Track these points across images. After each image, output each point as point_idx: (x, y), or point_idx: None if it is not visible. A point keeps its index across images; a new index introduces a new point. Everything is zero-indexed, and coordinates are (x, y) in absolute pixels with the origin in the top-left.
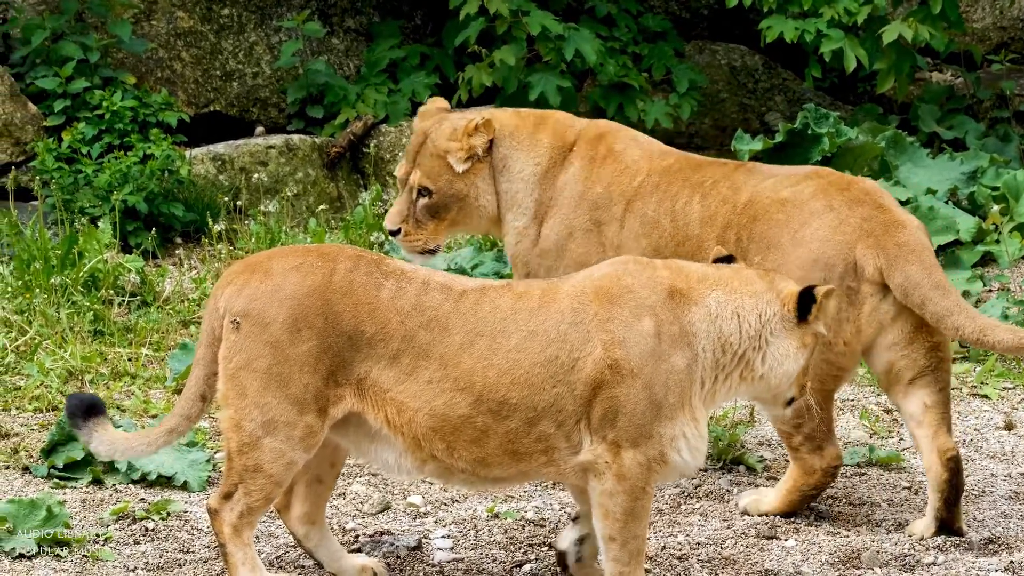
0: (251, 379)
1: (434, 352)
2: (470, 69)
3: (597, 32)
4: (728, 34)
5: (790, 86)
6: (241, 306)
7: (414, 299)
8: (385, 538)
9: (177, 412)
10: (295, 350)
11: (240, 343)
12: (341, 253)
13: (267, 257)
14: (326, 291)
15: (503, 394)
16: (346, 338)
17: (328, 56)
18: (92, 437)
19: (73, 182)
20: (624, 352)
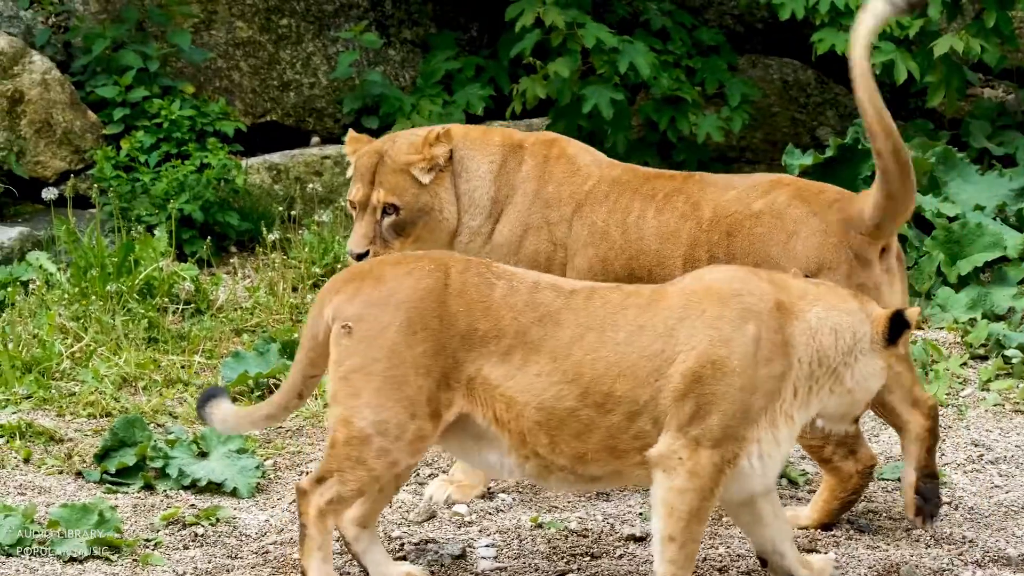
0: (365, 382)
1: (545, 346)
2: (524, 81)
3: (651, 45)
4: (781, 48)
5: (842, 101)
6: (354, 311)
7: (527, 296)
8: (430, 546)
9: (276, 401)
10: (411, 352)
11: (354, 347)
12: (451, 258)
13: (375, 265)
14: (442, 293)
15: (609, 386)
16: (460, 338)
17: (384, 67)
18: (212, 416)
19: (130, 190)
20: (727, 351)
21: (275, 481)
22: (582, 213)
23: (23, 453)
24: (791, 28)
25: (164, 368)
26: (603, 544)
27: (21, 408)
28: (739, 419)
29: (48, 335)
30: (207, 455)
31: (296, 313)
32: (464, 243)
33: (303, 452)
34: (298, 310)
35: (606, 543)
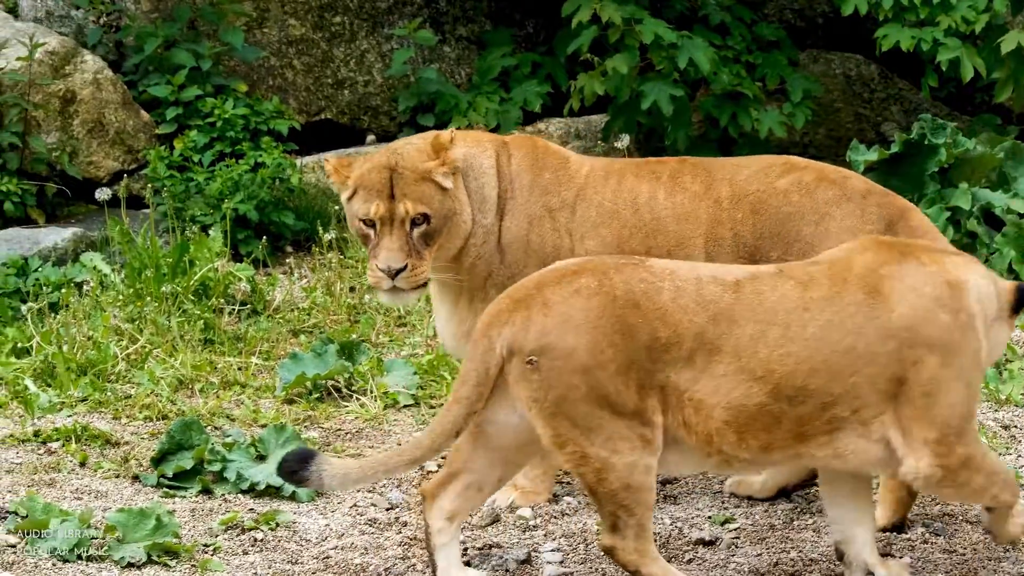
0: (574, 408)
1: (726, 345)
2: (582, 77)
3: (711, 41)
4: (843, 43)
5: (906, 96)
6: (534, 344)
7: (694, 295)
8: (494, 551)
9: (426, 445)
10: (605, 373)
11: (548, 379)
12: (605, 266)
13: (536, 288)
14: (615, 307)
15: (802, 381)
16: (644, 349)
17: (439, 64)
18: (322, 476)
19: (184, 190)
20: (928, 347)
21: None
22: (586, 195)
23: (79, 457)
24: (853, 22)
25: (220, 370)
26: (671, 548)
27: (76, 411)
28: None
29: (103, 337)
30: (265, 458)
31: (354, 313)
32: (479, 244)
33: (363, 454)
34: (356, 310)
35: (674, 547)
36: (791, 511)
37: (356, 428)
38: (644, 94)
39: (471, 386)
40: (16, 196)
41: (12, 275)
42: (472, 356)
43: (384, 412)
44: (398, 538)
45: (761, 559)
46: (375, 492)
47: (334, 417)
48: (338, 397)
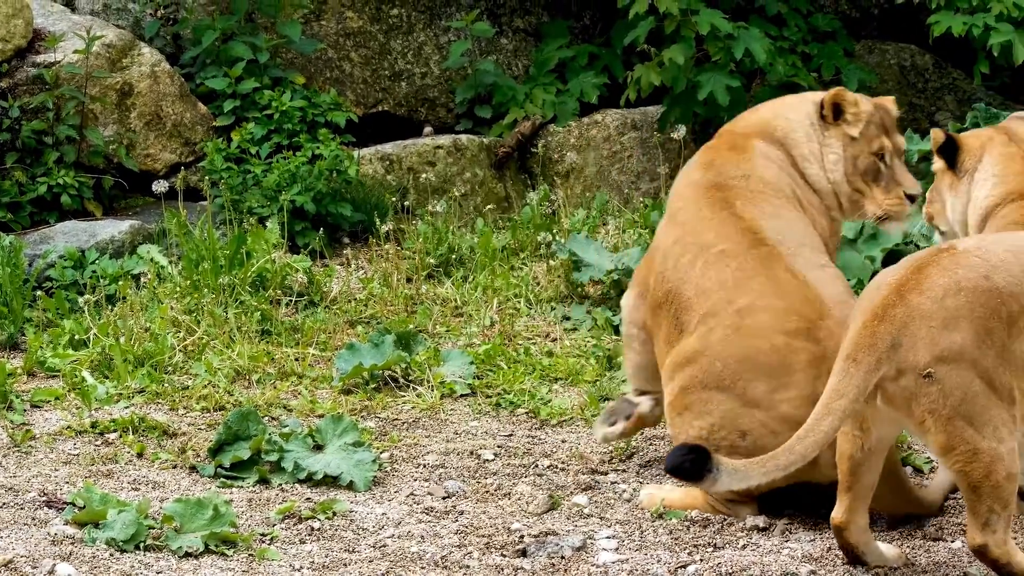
0: (972, 407)
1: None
2: (639, 68)
3: (767, 31)
4: (897, 32)
5: (960, 86)
6: (927, 357)
7: (1019, 266)
8: (550, 539)
9: (812, 442)
10: (988, 359)
11: (946, 387)
12: (941, 263)
13: (900, 303)
14: (979, 295)
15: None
16: (1006, 326)
17: (496, 56)
18: (720, 475)
19: (242, 182)
20: None
21: (391, 474)
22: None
23: (136, 448)
24: (908, 12)
25: (277, 361)
26: (726, 535)
27: (134, 402)
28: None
29: (160, 328)
30: (322, 448)
31: (411, 304)
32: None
33: (420, 444)
34: (413, 301)
35: (729, 534)
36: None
37: (413, 418)
38: (700, 85)
39: (848, 400)
40: (73, 189)
41: (70, 267)
42: (851, 372)
43: (440, 402)
44: (454, 527)
45: (815, 544)
46: (432, 481)
47: (391, 407)
48: (395, 387)
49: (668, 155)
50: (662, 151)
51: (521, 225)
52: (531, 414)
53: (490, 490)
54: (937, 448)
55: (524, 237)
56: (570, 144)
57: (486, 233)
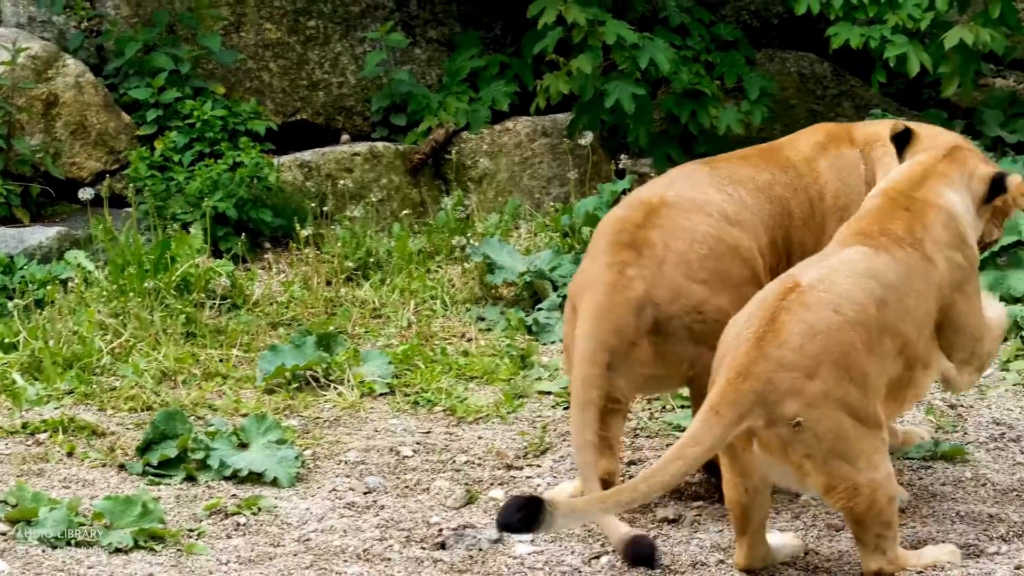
0: (845, 445)
1: (887, 327)
2: (548, 77)
3: (671, 41)
4: (797, 42)
5: (858, 92)
6: (794, 407)
7: (860, 294)
8: (468, 531)
9: (657, 483)
10: (852, 395)
11: (817, 431)
12: (790, 308)
13: (760, 356)
14: (833, 335)
15: (913, 348)
16: (862, 359)
17: (411, 66)
18: (555, 520)
19: (165, 189)
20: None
21: (314, 470)
22: None
23: (66, 447)
24: (807, 22)
25: (202, 362)
26: (637, 526)
27: (63, 403)
28: None
29: (88, 332)
30: (247, 446)
31: (331, 306)
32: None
33: (341, 441)
34: (332, 303)
35: (640, 525)
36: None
37: (334, 416)
38: (607, 93)
39: (703, 449)
40: (1, 197)
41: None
42: (711, 423)
43: (361, 400)
44: (375, 521)
45: (723, 535)
46: (352, 477)
47: (312, 406)
48: (316, 387)
49: (577, 161)
50: (571, 157)
51: (436, 229)
52: (448, 412)
53: (409, 485)
54: (819, 489)
55: (439, 241)
56: (483, 151)
57: (403, 237)
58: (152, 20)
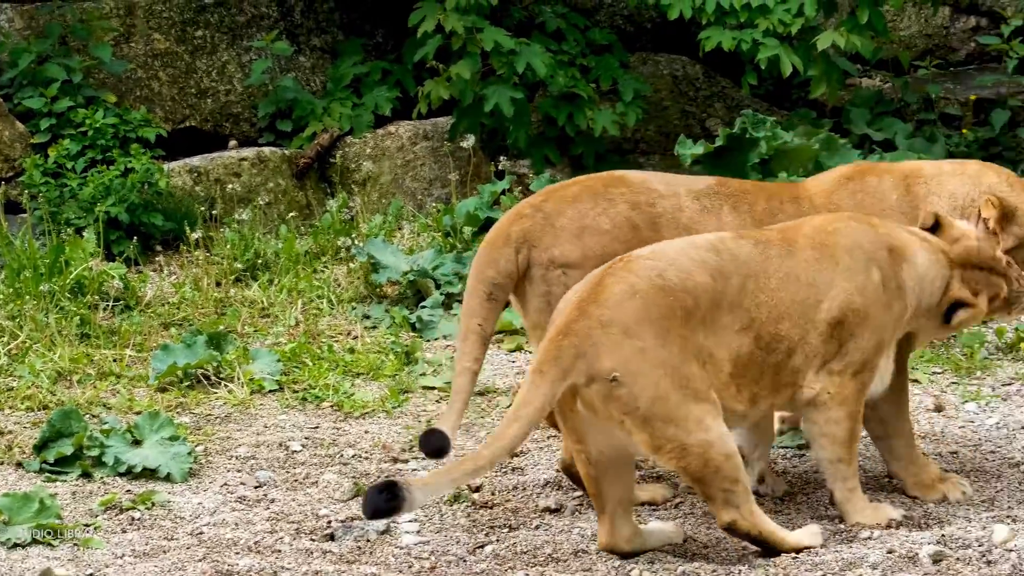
0: (665, 406)
1: (724, 300)
2: (429, 83)
3: (547, 46)
4: (670, 45)
5: (729, 93)
6: (610, 363)
7: (690, 262)
8: (356, 523)
9: (499, 447)
10: (672, 355)
11: (633, 389)
12: (616, 272)
13: (582, 315)
14: (653, 296)
15: (773, 328)
16: (682, 322)
17: (296, 73)
18: (414, 496)
19: (59, 195)
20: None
21: (206, 466)
22: None
23: None
24: (679, 26)
25: (97, 362)
26: (520, 516)
27: None
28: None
29: None
30: (141, 443)
31: (220, 306)
32: None
33: (232, 437)
34: (222, 304)
35: (523, 515)
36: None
37: (225, 413)
38: (486, 97)
39: (535, 408)
40: None
41: None
42: (538, 383)
43: (250, 397)
44: (266, 514)
45: None
46: (243, 472)
47: (204, 403)
48: (207, 385)
49: (458, 163)
50: (452, 159)
51: (322, 231)
52: (336, 407)
53: (299, 479)
54: (645, 447)
55: (325, 242)
56: (366, 154)
57: (289, 239)
58: (45, 32)
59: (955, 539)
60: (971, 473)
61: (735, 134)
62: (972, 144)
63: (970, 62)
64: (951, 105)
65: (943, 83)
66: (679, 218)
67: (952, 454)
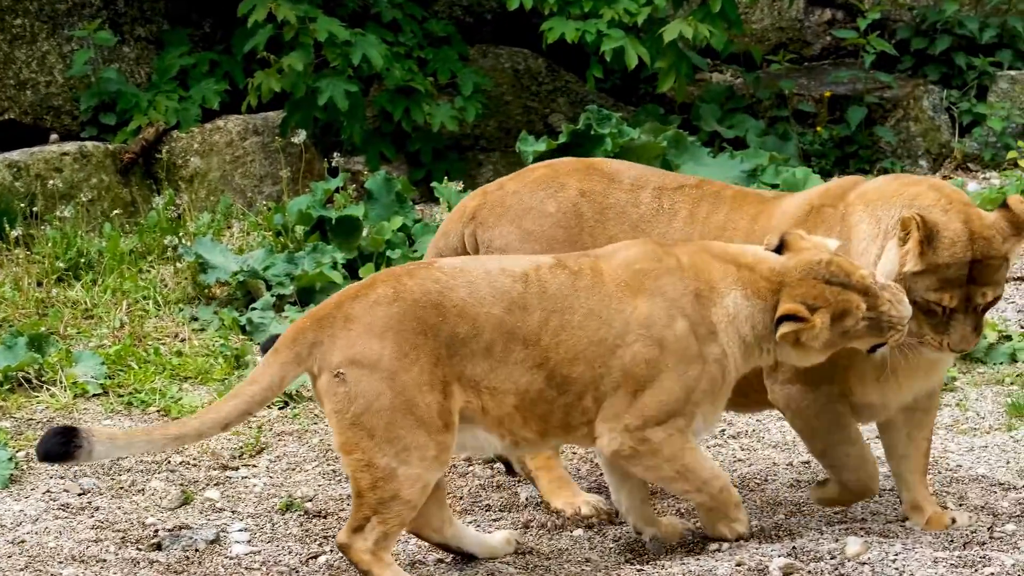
0: (376, 419)
1: (518, 334)
2: (259, 75)
3: (383, 37)
4: (512, 38)
5: (573, 88)
6: (341, 358)
7: (488, 288)
8: (184, 532)
9: (193, 427)
10: (409, 375)
11: (353, 391)
12: (397, 274)
13: (335, 306)
14: (415, 310)
15: (567, 370)
16: (446, 346)
17: (120, 64)
18: (93, 447)
19: None
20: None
21: (28, 472)
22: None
23: None
24: (521, 17)
25: None
26: None
27: None
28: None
29: None
30: None
31: (42, 307)
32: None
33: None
34: (44, 304)
35: None
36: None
37: (47, 417)
38: (320, 90)
39: (259, 388)
40: None
41: None
42: (270, 363)
43: (74, 401)
44: (91, 522)
45: None
46: (67, 478)
47: (25, 407)
48: (28, 388)
49: (290, 159)
50: (284, 155)
51: (148, 229)
52: (163, 412)
53: (124, 486)
54: (337, 446)
55: (151, 241)
56: (194, 149)
57: (114, 237)
58: None
59: (806, 551)
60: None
61: (579, 130)
62: (827, 143)
63: (825, 57)
64: (805, 102)
65: (797, 78)
66: (629, 213)
67: (804, 463)
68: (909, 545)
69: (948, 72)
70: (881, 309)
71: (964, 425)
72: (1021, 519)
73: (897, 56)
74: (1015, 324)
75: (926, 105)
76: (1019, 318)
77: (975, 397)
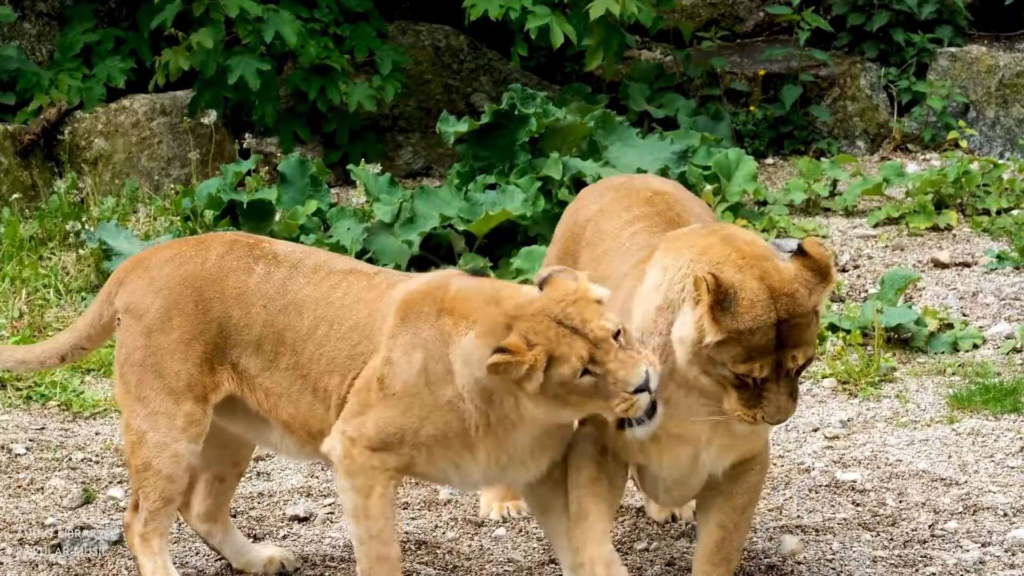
0: (131, 373)
1: (288, 338)
2: (167, 53)
3: (297, 13)
4: (432, 14)
5: (496, 66)
6: (123, 301)
7: (280, 283)
8: (86, 533)
9: (35, 355)
10: (166, 339)
11: (122, 338)
12: (217, 239)
13: (151, 252)
14: (197, 279)
15: (325, 382)
16: (216, 324)
17: (20, 41)
18: None
19: None
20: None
21: None
22: None
23: None
24: None
25: None
26: (266, 525)
27: None
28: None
29: None
30: None
31: None
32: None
33: None
34: None
35: (269, 524)
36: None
37: None
38: (231, 68)
39: (85, 323)
40: None
41: None
42: (97, 300)
43: None
44: None
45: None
46: None
47: None
48: None
49: (199, 140)
50: (193, 136)
51: (49, 214)
52: (63, 406)
53: (23, 485)
54: (116, 398)
55: (52, 226)
56: (98, 130)
57: (13, 223)
58: None
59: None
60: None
61: (503, 110)
62: (761, 123)
63: (758, 34)
64: (738, 80)
65: (729, 56)
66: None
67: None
68: (847, 544)
69: (886, 49)
70: (608, 367)
71: (904, 418)
72: (964, 516)
73: (833, 33)
74: (956, 312)
75: (863, 83)
76: (960, 306)
77: (915, 388)
